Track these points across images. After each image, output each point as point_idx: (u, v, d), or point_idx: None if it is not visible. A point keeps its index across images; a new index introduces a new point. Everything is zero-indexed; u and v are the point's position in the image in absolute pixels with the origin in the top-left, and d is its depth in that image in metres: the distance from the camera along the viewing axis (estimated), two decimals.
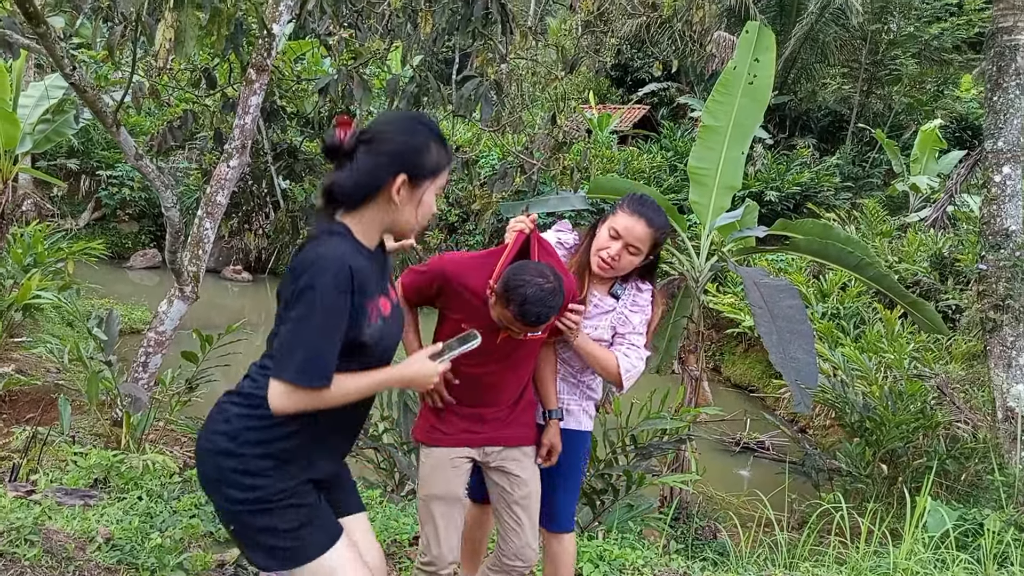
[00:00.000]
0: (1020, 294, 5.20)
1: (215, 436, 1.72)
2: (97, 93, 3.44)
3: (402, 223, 1.77)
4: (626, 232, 2.27)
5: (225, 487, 1.69)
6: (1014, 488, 4.58)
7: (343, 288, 1.62)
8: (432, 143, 1.73)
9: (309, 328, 1.61)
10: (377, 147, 1.68)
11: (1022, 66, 5.34)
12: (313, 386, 1.61)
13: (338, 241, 1.68)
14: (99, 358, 4.53)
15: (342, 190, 1.70)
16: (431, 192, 1.77)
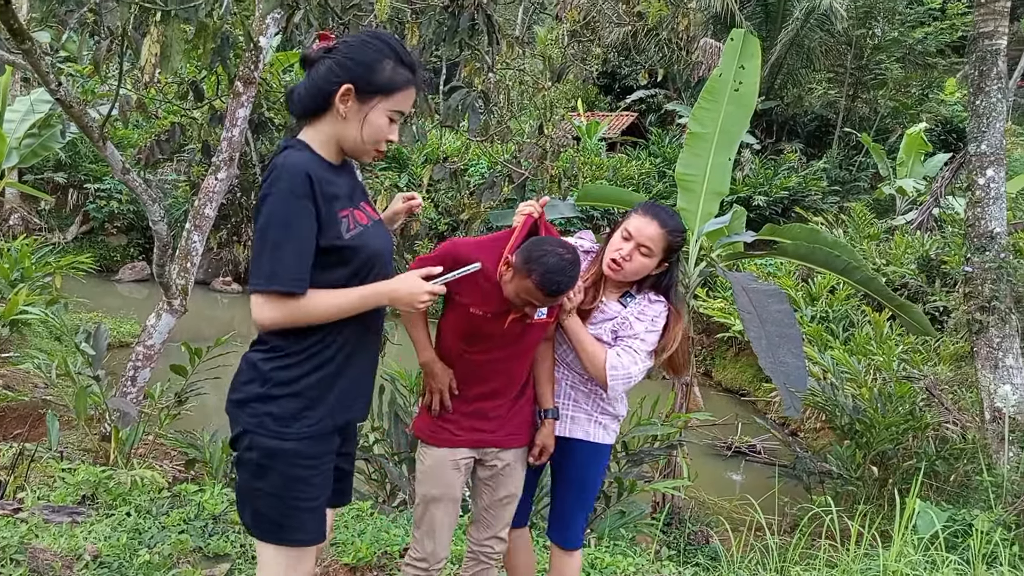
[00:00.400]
0: (1005, 295, 5.24)
1: (246, 386, 1.72)
2: (83, 108, 3.44)
3: (348, 140, 1.75)
4: (637, 232, 2.23)
5: (258, 436, 1.68)
6: (1002, 488, 4.61)
7: (300, 193, 1.63)
8: (387, 59, 1.71)
9: (271, 236, 1.61)
10: (331, 57, 1.70)
11: (1003, 70, 5.41)
12: (283, 290, 1.61)
13: (294, 152, 1.70)
14: (87, 373, 4.51)
15: (299, 95, 1.73)
16: (380, 111, 1.73)
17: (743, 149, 16.07)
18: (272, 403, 1.68)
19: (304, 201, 1.63)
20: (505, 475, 2.32)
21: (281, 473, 1.68)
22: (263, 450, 1.68)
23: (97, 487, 3.15)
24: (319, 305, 1.66)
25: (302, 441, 1.69)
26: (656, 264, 2.27)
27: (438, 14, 3.50)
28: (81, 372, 4.61)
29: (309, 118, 1.75)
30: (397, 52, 1.73)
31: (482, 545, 2.36)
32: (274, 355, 1.71)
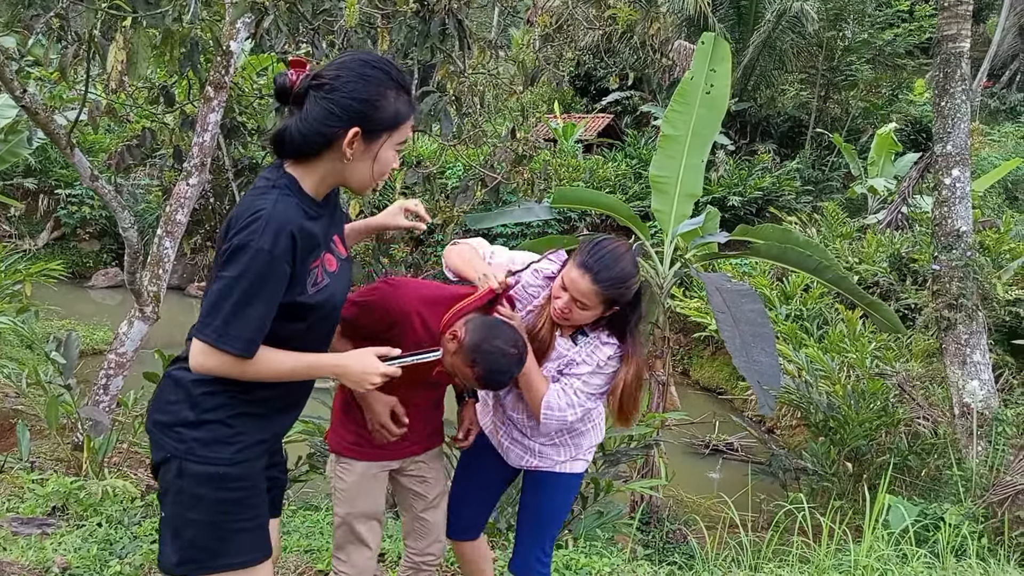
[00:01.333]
0: (972, 293, 5.35)
1: (172, 407, 1.62)
2: (49, 115, 3.39)
3: (356, 180, 1.65)
4: (571, 285, 2.06)
5: (187, 462, 1.58)
6: (971, 482, 4.70)
7: (280, 254, 1.51)
8: (390, 92, 1.58)
9: (237, 290, 1.49)
10: (329, 95, 1.54)
11: (967, 72, 5.52)
12: (232, 351, 1.51)
13: (281, 199, 1.55)
14: (58, 382, 4.44)
15: (291, 140, 1.57)
16: (389, 147, 1.63)
17: (717, 150, 16.21)
18: (201, 428, 1.59)
19: (282, 264, 1.52)
20: (430, 477, 2.30)
21: (216, 499, 1.60)
22: (194, 477, 1.59)
23: (68, 498, 3.12)
24: (264, 369, 1.57)
25: (235, 465, 1.61)
26: (603, 311, 2.11)
27: (409, 19, 3.51)
28: (52, 381, 4.54)
29: (299, 159, 1.61)
30: (396, 80, 1.61)
31: (424, 555, 2.32)
32: (208, 385, 1.61)
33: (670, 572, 3.23)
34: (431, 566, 2.34)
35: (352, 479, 2.15)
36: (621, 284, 2.06)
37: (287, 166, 1.61)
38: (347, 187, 1.67)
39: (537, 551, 2.31)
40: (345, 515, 2.16)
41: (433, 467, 2.32)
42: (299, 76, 1.56)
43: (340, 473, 2.17)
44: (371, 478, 2.17)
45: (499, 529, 3.45)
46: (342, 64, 1.58)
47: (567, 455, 2.29)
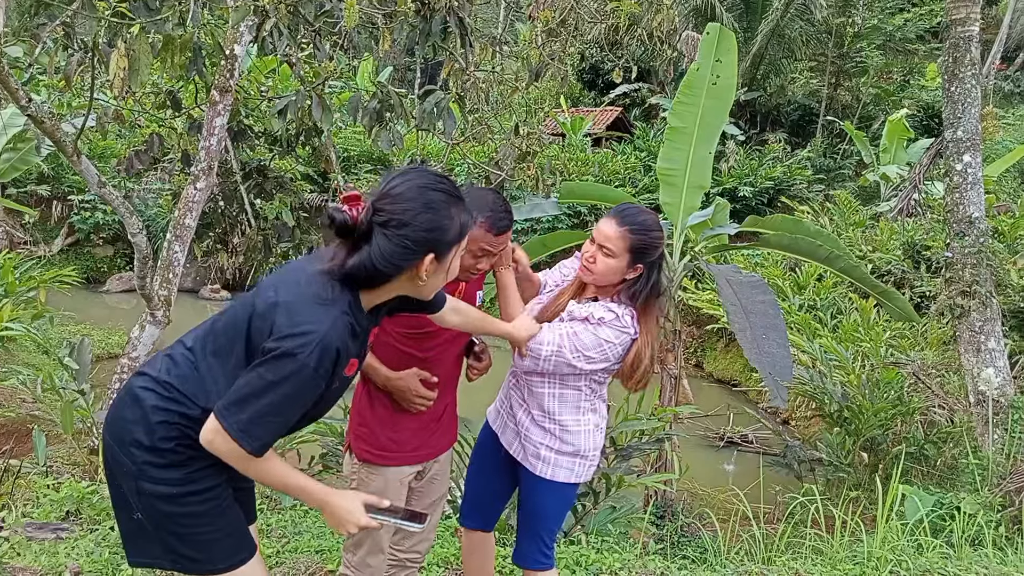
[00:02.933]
0: (986, 280, 5.29)
1: (128, 424, 1.62)
2: (56, 123, 3.42)
3: (427, 292, 1.71)
4: (598, 233, 2.15)
5: (141, 482, 1.60)
6: (988, 471, 4.65)
7: (322, 373, 1.54)
8: (454, 210, 1.62)
9: (270, 395, 1.51)
10: (399, 231, 1.56)
11: (976, 56, 5.44)
12: (248, 449, 1.53)
13: (340, 320, 1.57)
14: (72, 387, 4.49)
15: (365, 274, 1.58)
16: (457, 257, 1.69)
17: (728, 140, 16.12)
18: (154, 453, 1.60)
19: (321, 381, 1.56)
20: (438, 478, 2.32)
21: (179, 514, 1.61)
22: (151, 495, 1.60)
23: (81, 502, 3.15)
24: (262, 471, 1.60)
25: (189, 483, 1.62)
26: (626, 265, 2.13)
27: (410, 18, 3.50)
28: (66, 386, 4.59)
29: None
30: (454, 194, 1.64)
31: (410, 552, 2.32)
32: (167, 405, 1.61)
33: (682, 566, 3.22)
34: (416, 563, 2.35)
35: (379, 484, 2.13)
36: (646, 231, 2.12)
37: (352, 286, 1.62)
38: (414, 297, 1.73)
39: (537, 545, 2.33)
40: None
41: (444, 468, 2.34)
42: (359, 211, 1.57)
43: (366, 478, 2.15)
44: (398, 483, 2.17)
45: (510, 526, 3.45)
46: (401, 195, 1.59)
47: (550, 443, 2.23)
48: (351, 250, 1.58)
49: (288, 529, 3.23)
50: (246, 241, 5.24)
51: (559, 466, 2.24)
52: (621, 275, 2.15)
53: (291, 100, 3.49)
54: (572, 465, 2.25)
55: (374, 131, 3.60)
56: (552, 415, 2.22)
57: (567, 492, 2.30)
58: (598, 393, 2.28)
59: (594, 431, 2.27)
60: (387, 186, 1.62)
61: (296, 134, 4.95)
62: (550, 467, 2.24)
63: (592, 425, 2.26)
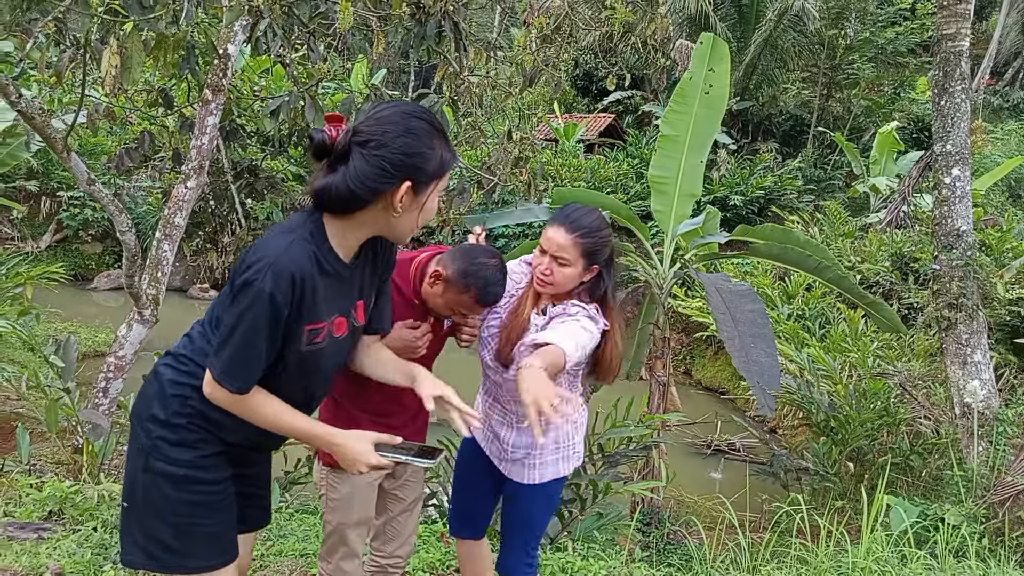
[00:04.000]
0: (973, 292, 5.33)
1: (147, 400, 1.66)
2: (46, 120, 3.40)
3: (400, 231, 1.64)
4: (547, 243, 2.11)
5: (152, 459, 1.61)
6: (972, 482, 4.68)
7: (281, 300, 1.50)
8: (436, 142, 1.58)
9: (239, 330, 1.52)
10: (377, 151, 1.52)
11: (966, 71, 5.49)
12: (229, 388, 1.55)
13: (296, 244, 1.54)
14: (57, 385, 4.45)
15: (337, 196, 1.54)
16: (435, 196, 1.64)
17: (719, 149, 16.19)
18: (167, 428, 1.62)
19: (281, 309, 1.52)
20: (411, 481, 2.31)
21: (178, 499, 1.62)
22: (159, 474, 1.62)
23: (64, 502, 3.12)
24: (261, 413, 1.60)
25: (197, 469, 1.63)
26: (582, 270, 2.12)
27: (405, 21, 3.50)
28: (52, 384, 4.55)
29: (340, 213, 1.59)
30: (438, 128, 1.60)
31: (392, 557, 2.31)
32: (178, 378, 1.65)
33: (667, 574, 3.22)
34: (397, 568, 2.34)
35: (346, 489, 2.13)
36: (595, 233, 2.10)
37: (324, 217, 1.60)
38: (389, 237, 1.68)
39: (520, 554, 2.33)
40: (338, 524, 2.15)
41: (419, 471, 2.33)
42: (338, 132, 1.54)
43: (333, 483, 2.14)
44: (366, 487, 2.16)
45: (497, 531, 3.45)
46: (384, 118, 1.56)
47: (533, 448, 2.21)
48: (327, 174, 1.56)
49: (273, 532, 3.21)
50: (236, 240, 5.23)
51: (545, 467, 2.24)
52: (578, 279, 2.14)
53: (284, 100, 3.48)
54: (556, 462, 2.26)
55: None
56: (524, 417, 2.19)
57: (552, 490, 2.31)
58: (575, 386, 2.26)
59: (575, 426, 2.28)
60: (372, 112, 1.60)
61: (288, 134, 4.94)
62: (536, 472, 2.24)
63: (571, 420, 2.27)
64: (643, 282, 5.89)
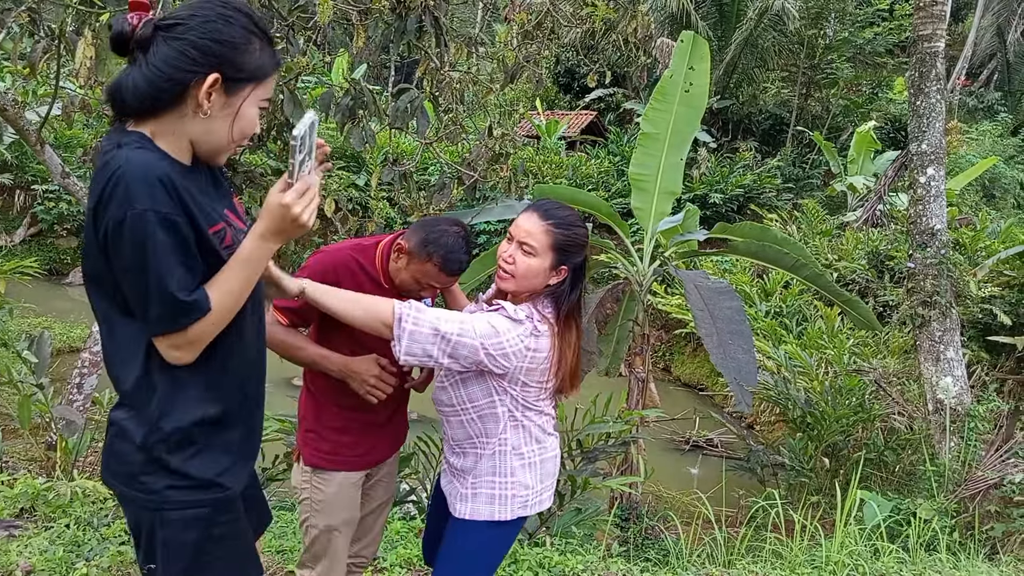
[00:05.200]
0: (946, 290, 5.41)
1: (130, 456, 1.41)
2: (19, 111, 3.34)
3: (212, 140, 1.40)
4: (515, 229, 1.91)
5: (165, 510, 1.41)
6: (944, 477, 4.76)
7: (162, 207, 1.28)
8: (254, 38, 1.38)
9: (148, 272, 1.29)
10: (183, 36, 1.31)
11: (942, 72, 5.57)
12: (191, 321, 1.33)
13: (137, 152, 1.30)
14: (30, 381, 4.39)
15: (135, 91, 1.31)
16: (252, 103, 1.41)
17: (699, 147, 16.28)
18: (164, 472, 1.42)
19: (173, 216, 1.30)
20: (384, 481, 2.30)
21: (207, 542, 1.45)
22: (178, 527, 1.43)
23: (36, 499, 3.08)
24: (220, 302, 1.38)
25: (215, 490, 1.45)
26: (549, 266, 1.90)
27: (385, 15, 3.48)
28: (24, 380, 4.49)
29: (146, 116, 1.35)
30: (261, 28, 1.40)
31: (357, 557, 2.29)
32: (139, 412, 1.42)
33: (644, 568, 3.25)
34: (361, 567, 2.34)
35: (332, 490, 2.10)
36: (570, 227, 1.91)
37: (130, 126, 1.36)
38: (202, 148, 1.42)
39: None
40: (325, 527, 2.10)
41: (391, 471, 2.34)
42: (141, 19, 1.32)
43: (318, 485, 2.10)
44: (350, 487, 2.14)
45: None
46: (196, 4, 1.36)
47: (468, 481, 1.97)
48: (129, 69, 1.34)
49: None
50: None
51: (478, 500, 1.95)
52: (544, 278, 1.90)
53: None
54: (492, 498, 1.94)
55: (346, 128, 3.57)
56: (471, 439, 1.97)
57: (482, 540, 1.97)
58: (526, 413, 1.95)
59: (521, 461, 1.95)
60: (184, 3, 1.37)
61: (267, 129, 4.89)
62: (468, 504, 1.97)
63: (511, 447, 1.95)
64: (623, 279, 5.92)
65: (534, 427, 1.97)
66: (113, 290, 1.37)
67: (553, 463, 2.04)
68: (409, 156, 11.48)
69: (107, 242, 1.29)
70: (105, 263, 1.33)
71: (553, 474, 2.05)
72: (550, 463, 2.02)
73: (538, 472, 1.98)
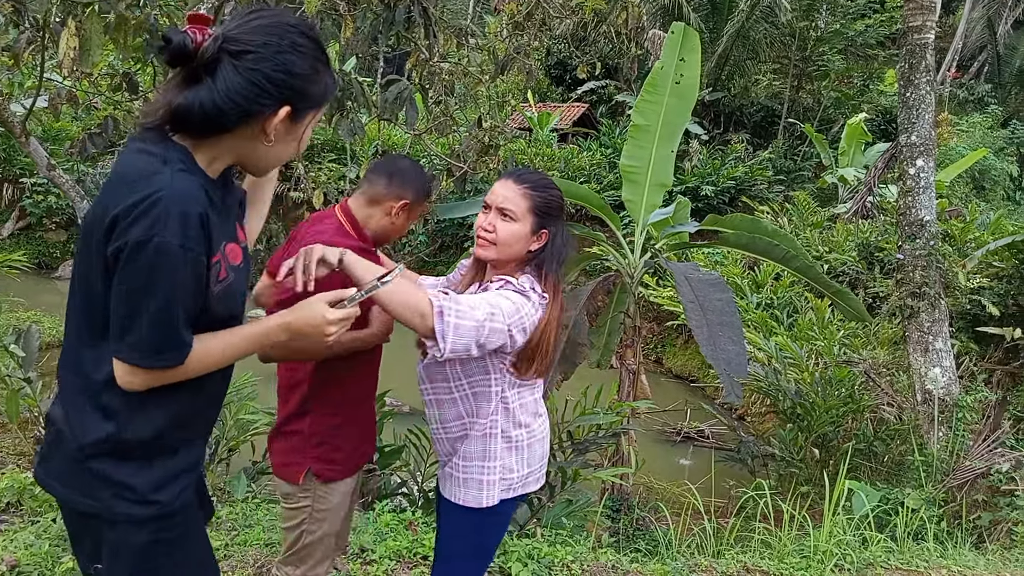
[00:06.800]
0: (935, 282, 5.44)
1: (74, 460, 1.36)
2: (4, 103, 3.31)
3: (267, 162, 1.41)
4: (492, 197, 1.89)
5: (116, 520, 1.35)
6: (932, 467, 4.80)
7: (194, 246, 1.26)
8: (320, 65, 1.36)
9: (151, 299, 1.24)
10: (256, 66, 1.27)
11: (931, 63, 5.59)
12: (165, 366, 1.30)
13: (179, 177, 1.27)
14: (18, 375, 4.37)
15: (202, 115, 1.28)
16: (311, 127, 1.42)
17: (691, 140, 16.29)
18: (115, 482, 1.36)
19: (199, 257, 1.28)
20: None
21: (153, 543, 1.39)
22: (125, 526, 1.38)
23: (22, 493, 3.06)
24: (199, 367, 1.35)
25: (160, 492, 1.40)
26: (530, 231, 1.87)
27: (373, 6, 3.46)
28: (12, 375, 4.46)
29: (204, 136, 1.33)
30: (323, 49, 1.38)
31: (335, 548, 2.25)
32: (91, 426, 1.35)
33: (634, 559, 3.26)
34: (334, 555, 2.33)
35: (336, 500, 2.08)
36: (546, 190, 1.89)
37: (173, 135, 1.32)
38: (247, 168, 1.42)
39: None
40: (325, 534, 2.08)
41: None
42: (204, 36, 1.27)
43: (323, 495, 2.05)
44: (350, 492, 2.15)
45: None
46: (264, 27, 1.30)
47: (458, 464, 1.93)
48: (185, 86, 1.28)
49: (238, 522, 3.19)
50: None
51: (468, 484, 1.91)
52: (525, 243, 1.87)
53: None
54: (481, 483, 1.90)
55: (335, 120, 3.55)
56: (462, 419, 1.91)
57: (472, 524, 1.94)
58: (519, 391, 1.92)
59: (508, 444, 1.91)
60: (245, 18, 1.32)
61: None
62: (460, 489, 1.92)
63: (500, 430, 1.90)
64: (614, 271, 5.92)
65: (524, 407, 1.93)
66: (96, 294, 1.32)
67: (541, 446, 2.00)
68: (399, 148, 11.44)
69: (118, 256, 1.24)
70: (102, 273, 1.29)
71: (542, 457, 2.01)
72: (538, 446, 1.98)
73: (524, 456, 1.94)
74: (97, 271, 1.29)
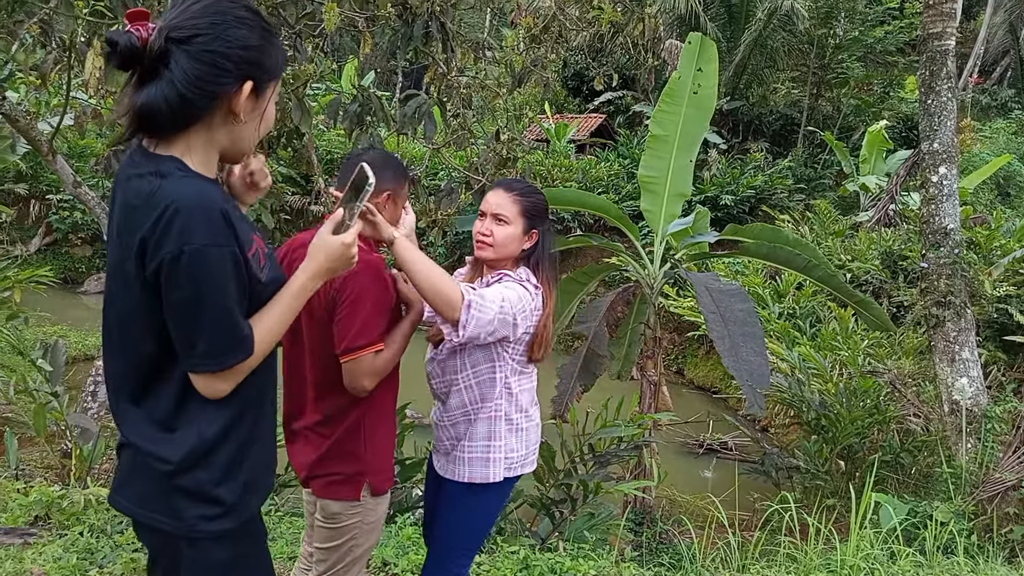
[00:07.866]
0: (960, 290, 5.36)
1: (156, 481, 1.38)
2: (31, 122, 3.37)
3: (244, 142, 1.39)
4: (486, 205, 2.15)
5: (195, 537, 1.38)
6: (961, 479, 4.71)
7: (223, 240, 1.27)
8: (268, 35, 1.36)
9: (204, 306, 1.27)
10: (206, 47, 1.26)
11: (952, 70, 5.52)
12: (240, 361, 1.34)
13: (188, 183, 1.28)
14: (45, 389, 4.43)
15: (169, 109, 1.26)
16: (272, 101, 1.41)
17: (710, 149, 16.22)
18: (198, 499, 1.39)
19: (230, 250, 1.29)
20: None
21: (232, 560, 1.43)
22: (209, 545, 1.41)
23: (50, 507, 3.10)
24: (265, 341, 1.39)
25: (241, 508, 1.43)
26: (522, 232, 2.12)
27: (392, 22, 3.50)
28: (39, 389, 4.52)
29: (177, 133, 1.32)
30: (264, 19, 1.37)
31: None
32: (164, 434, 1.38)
33: (657, 573, 3.22)
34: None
35: (383, 508, 2.07)
36: (531, 194, 2.16)
37: (157, 149, 1.32)
38: (229, 156, 1.42)
39: (433, 571, 2.20)
40: (371, 546, 2.07)
41: None
42: (148, 31, 1.25)
43: (373, 507, 2.03)
44: (386, 505, 2.12)
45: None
46: (206, 9, 1.29)
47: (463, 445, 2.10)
48: (142, 85, 1.27)
49: None
50: None
51: (472, 464, 2.09)
52: (518, 243, 2.13)
53: None
54: (486, 462, 2.08)
55: (355, 135, 3.59)
56: (467, 406, 2.09)
57: (478, 499, 2.12)
58: (520, 380, 2.12)
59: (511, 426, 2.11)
60: (183, 4, 1.30)
61: (277, 136, 4.92)
62: (465, 468, 2.10)
63: (503, 413, 2.09)
64: (634, 282, 5.90)
65: (523, 395, 2.15)
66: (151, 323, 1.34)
67: (535, 432, 2.22)
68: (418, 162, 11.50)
69: (159, 278, 1.26)
70: (150, 298, 1.30)
71: (536, 442, 2.23)
72: (533, 432, 2.20)
73: (524, 439, 2.16)
74: (142, 298, 1.31)
